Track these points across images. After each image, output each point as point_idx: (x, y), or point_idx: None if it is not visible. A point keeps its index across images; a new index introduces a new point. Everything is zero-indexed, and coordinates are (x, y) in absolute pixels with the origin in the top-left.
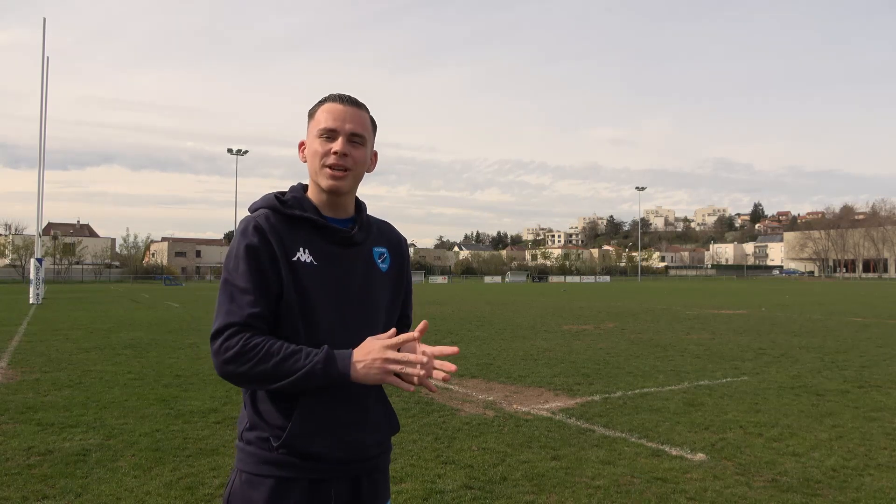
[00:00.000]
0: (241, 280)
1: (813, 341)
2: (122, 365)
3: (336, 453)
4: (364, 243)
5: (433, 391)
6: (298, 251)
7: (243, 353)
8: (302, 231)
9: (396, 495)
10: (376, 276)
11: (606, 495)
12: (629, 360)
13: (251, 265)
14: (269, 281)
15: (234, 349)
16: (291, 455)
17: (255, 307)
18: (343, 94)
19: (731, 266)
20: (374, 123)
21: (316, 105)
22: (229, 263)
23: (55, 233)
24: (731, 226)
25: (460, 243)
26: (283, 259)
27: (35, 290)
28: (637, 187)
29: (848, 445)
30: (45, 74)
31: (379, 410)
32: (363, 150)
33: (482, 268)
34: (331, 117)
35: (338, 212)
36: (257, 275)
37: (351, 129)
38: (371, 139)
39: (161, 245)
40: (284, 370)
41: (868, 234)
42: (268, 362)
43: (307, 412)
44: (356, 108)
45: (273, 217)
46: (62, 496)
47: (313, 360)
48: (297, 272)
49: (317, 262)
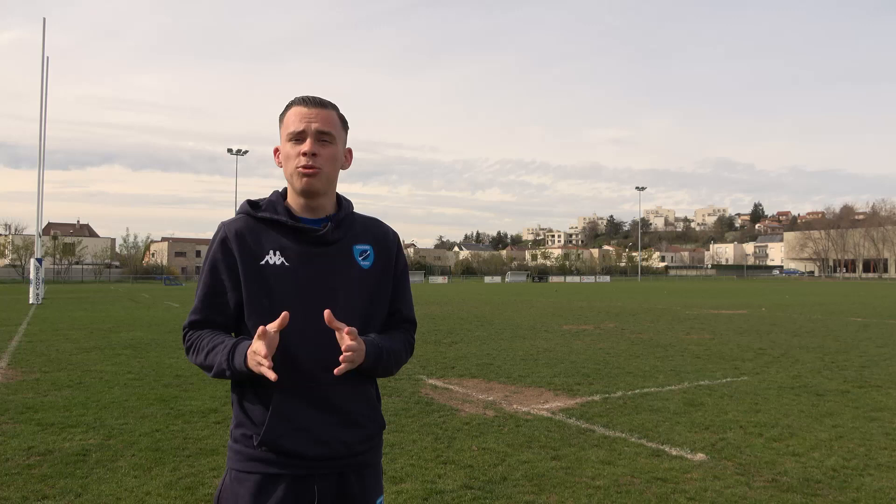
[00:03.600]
0: (201, 287)
1: (813, 341)
2: (122, 365)
3: (314, 450)
4: (342, 241)
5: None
6: (268, 254)
7: (189, 347)
8: (274, 233)
9: (396, 495)
10: (355, 274)
11: (606, 495)
12: (629, 360)
13: (209, 277)
14: (224, 290)
15: (185, 345)
16: (272, 452)
17: (201, 315)
18: (308, 96)
19: (731, 266)
20: (343, 121)
21: (283, 110)
22: (201, 268)
23: (55, 233)
24: (731, 226)
25: (460, 243)
26: (249, 265)
27: (35, 290)
28: (637, 187)
29: (848, 445)
30: (45, 74)
31: (358, 408)
32: (333, 147)
33: (482, 268)
34: (297, 119)
35: (316, 212)
36: (212, 286)
37: (317, 127)
38: (341, 136)
39: (161, 245)
40: (209, 363)
41: (868, 234)
42: (200, 354)
43: (278, 411)
44: (321, 108)
45: (245, 222)
46: (62, 496)
47: (222, 354)
48: (266, 275)
49: (288, 263)
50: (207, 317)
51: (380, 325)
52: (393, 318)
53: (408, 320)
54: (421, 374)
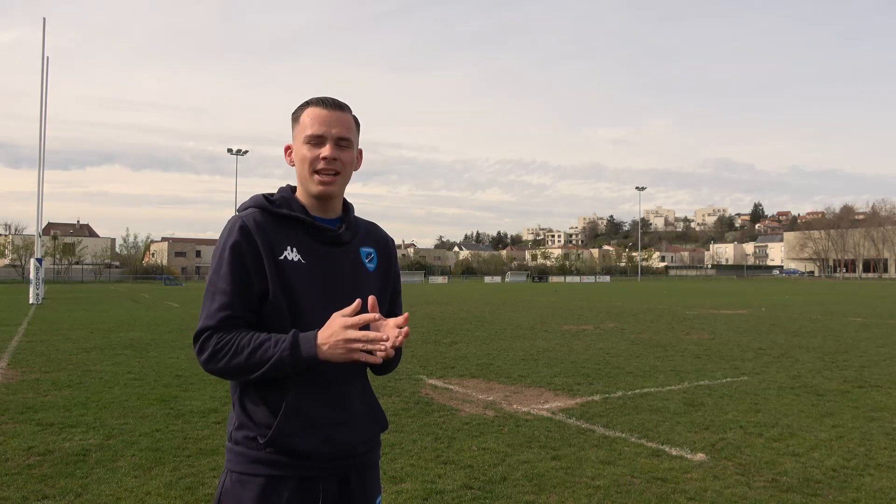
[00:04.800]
0: (223, 281)
1: (813, 341)
2: (122, 365)
3: (322, 451)
4: (351, 243)
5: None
6: (286, 250)
7: (217, 351)
8: (290, 230)
9: (396, 495)
10: (364, 275)
11: (606, 495)
12: (629, 360)
13: (234, 265)
14: (251, 280)
15: (209, 350)
16: (278, 453)
17: (230, 310)
18: (326, 98)
19: (731, 266)
20: (357, 123)
21: (299, 109)
22: (214, 263)
23: (55, 233)
24: (731, 226)
25: (460, 243)
26: (269, 258)
27: (35, 290)
28: (637, 187)
29: (848, 445)
30: (45, 74)
31: (364, 408)
32: (350, 152)
33: (482, 268)
34: (317, 123)
35: (326, 212)
36: (239, 275)
37: (338, 133)
38: (356, 140)
39: (161, 245)
40: (256, 360)
41: (868, 234)
42: (240, 355)
43: (291, 411)
44: (341, 112)
45: (261, 216)
46: (62, 496)
47: (281, 347)
48: (284, 271)
49: (304, 261)
50: (240, 311)
51: None
52: None
53: None
54: (421, 374)
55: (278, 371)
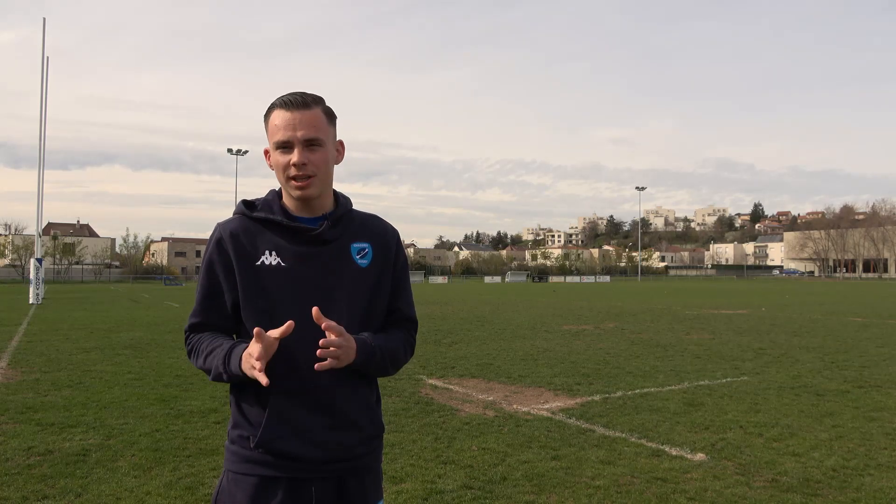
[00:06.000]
0: (198, 292)
1: (813, 341)
2: (122, 365)
3: (312, 453)
4: (339, 239)
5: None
6: (263, 255)
7: (190, 350)
8: (269, 233)
9: (396, 495)
10: (353, 273)
11: (606, 495)
12: (629, 360)
13: (205, 278)
14: (221, 291)
15: (187, 348)
16: (269, 454)
17: (199, 317)
18: (289, 98)
19: (731, 266)
20: (331, 115)
21: (267, 112)
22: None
23: (55, 233)
24: (731, 226)
25: (460, 243)
26: (244, 265)
27: (35, 290)
28: (637, 187)
29: (848, 445)
30: (45, 74)
31: (357, 410)
32: (322, 151)
33: (482, 268)
34: (281, 128)
35: (312, 211)
36: (209, 287)
37: (304, 135)
38: (330, 134)
39: (161, 245)
40: (207, 366)
41: (868, 234)
42: (200, 358)
43: (275, 413)
44: (305, 110)
45: (241, 222)
46: (62, 496)
47: (219, 357)
48: (261, 276)
49: (284, 263)
50: (207, 319)
51: (379, 324)
52: (392, 316)
53: (408, 319)
54: (421, 374)
55: (221, 379)
